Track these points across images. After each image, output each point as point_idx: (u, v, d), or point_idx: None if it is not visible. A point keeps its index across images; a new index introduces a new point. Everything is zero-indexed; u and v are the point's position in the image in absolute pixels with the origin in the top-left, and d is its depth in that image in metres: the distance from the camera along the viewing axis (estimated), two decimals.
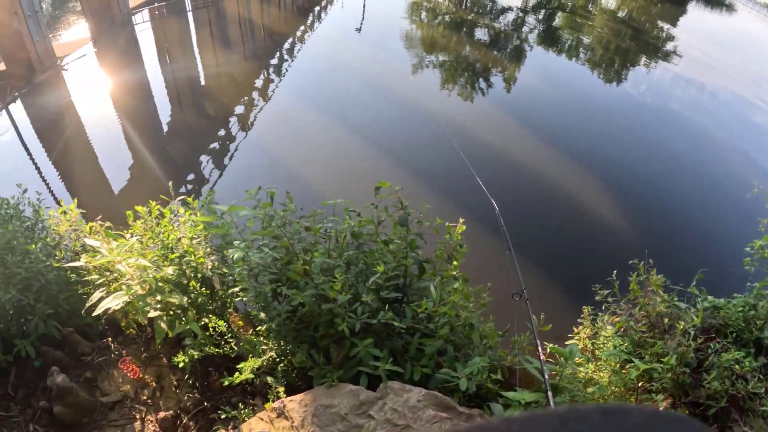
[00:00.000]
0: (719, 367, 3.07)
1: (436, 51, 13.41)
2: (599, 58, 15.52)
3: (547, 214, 6.41)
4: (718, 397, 3.03)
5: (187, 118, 8.24)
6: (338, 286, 2.08)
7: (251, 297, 2.21)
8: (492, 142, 8.14)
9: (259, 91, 9.39)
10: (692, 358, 3.25)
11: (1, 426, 2.69)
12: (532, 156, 7.71)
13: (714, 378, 3.05)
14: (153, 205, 2.72)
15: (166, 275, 2.52)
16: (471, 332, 2.37)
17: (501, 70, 12.53)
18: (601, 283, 3.17)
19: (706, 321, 3.49)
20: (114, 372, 3.04)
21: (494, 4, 21.25)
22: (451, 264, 2.48)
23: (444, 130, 7.54)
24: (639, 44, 19.48)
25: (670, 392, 3.19)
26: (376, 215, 2.35)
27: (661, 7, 32.55)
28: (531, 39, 16.86)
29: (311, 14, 16.25)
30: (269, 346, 2.40)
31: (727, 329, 3.48)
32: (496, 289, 2.62)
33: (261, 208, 2.13)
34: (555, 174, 7.33)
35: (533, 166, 7.49)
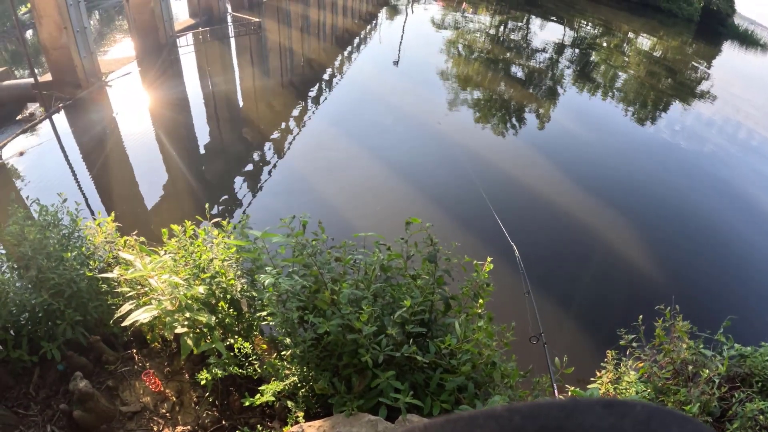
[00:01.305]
0: (743, 417, 2.99)
1: (471, 86, 13.55)
2: (632, 98, 15.48)
3: (570, 254, 6.38)
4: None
5: (224, 141, 8.47)
6: (365, 317, 2.11)
7: (278, 322, 2.25)
8: (518, 179, 8.18)
9: (295, 119, 9.61)
10: (715, 407, 3.17)
11: (20, 423, 2.76)
12: (558, 194, 7.70)
13: (737, 428, 2.97)
14: (188, 224, 2.81)
15: (196, 294, 2.58)
16: (492, 370, 2.36)
17: (533, 108, 12.60)
18: (626, 327, 3.13)
19: (731, 369, 3.42)
20: (136, 383, 3.09)
21: (528, 42, 21.43)
22: (477, 302, 2.49)
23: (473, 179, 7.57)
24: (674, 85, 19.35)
25: None
26: (406, 250, 2.39)
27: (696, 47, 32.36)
28: (564, 78, 16.93)
29: (350, 46, 16.58)
30: (292, 371, 2.43)
31: (752, 378, 3.40)
32: (515, 331, 2.61)
33: (293, 236, 2.19)
34: (581, 214, 7.30)
35: (559, 204, 7.47)
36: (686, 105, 16.21)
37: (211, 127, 8.80)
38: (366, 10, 23.86)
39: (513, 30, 24.63)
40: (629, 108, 14.37)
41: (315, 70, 13.53)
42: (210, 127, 8.73)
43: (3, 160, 6.71)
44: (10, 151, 6.93)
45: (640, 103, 15.27)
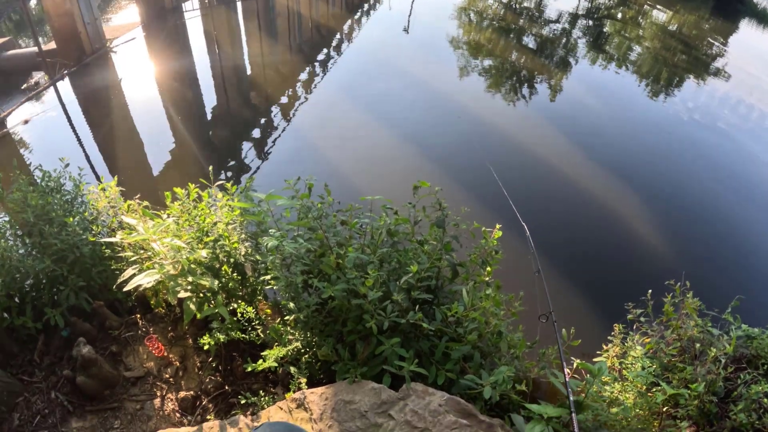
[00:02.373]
0: (747, 399, 2.97)
1: (482, 54, 13.26)
2: (647, 72, 15.11)
3: (580, 229, 6.29)
4: (744, 430, 2.93)
5: (231, 106, 8.35)
6: (370, 282, 2.08)
7: (282, 286, 2.22)
8: (528, 151, 8.04)
9: (303, 84, 9.46)
10: (720, 387, 3.15)
11: (24, 390, 2.77)
12: (568, 167, 7.57)
13: (741, 410, 2.95)
14: (191, 187, 2.76)
15: (199, 258, 2.55)
16: (499, 340, 2.33)
17: (545, 78, 12.35)
18: (635, 302, 3.09)
19: (738, 350, 3.38)
20: (139, 348, 3.10)
21: (542, 11, 20.92)
22: (485, 270, 2.45)
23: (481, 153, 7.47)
24: (689, 60, 18.90)
25: (695, 420, 3.10)
26: (413, 215, 2.34)
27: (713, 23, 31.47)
28: (577, 48, 16.56)
29: (359, 11, 16.29)
30: (295, 336, 2.40)
31: (758, 360, 3.37)
32: (524, 308, 2.57)
33: (299, 199, 2.14)
34: (592, 188, 7.19)
35: (570, 177, 7.35)
36: (700, 81, 15.87)
37: (218, 92, 8.69)
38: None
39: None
40: (643, 82, 14.04)
41: (324, 35, 13.31)
42: (216, 93, 8.62)
43: (8, 128, 6.67)
44: (15, 120, 6.89)
45: (654, 78, 14.93)
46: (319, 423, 2.39)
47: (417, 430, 2.28)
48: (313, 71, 10.27)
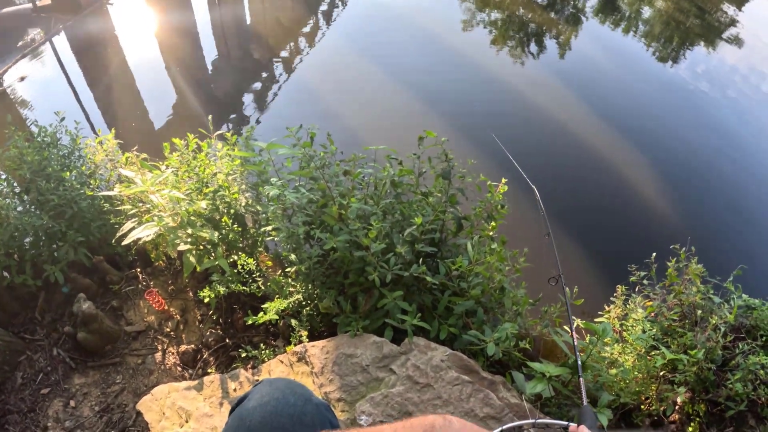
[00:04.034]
0: (744, 369, 2.97)
1: (490, 7, 12.85)
2: (657, 34, 14.69)
3: (586, 191, 6.22)
4: (739, 399, 2.94)
5: (232, 59, 8.15)
6: (373, 234, 2.04)
7: (283, 237, 2.18)
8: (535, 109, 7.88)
9: (305, 35, 9.23)
10: (719, 356, 3.15)
11: (27, 349, 2.77)
12: (577, 129, 7.43)
13: (738, 379, 2.95)
14: (191, 137, 2.70)
15: (199, 209, 2.51)
16: (503, 296, 2.31)
17: (554, 35, 12.03)
18: (638, 265, 3.06)
19: (738, 319, 3.37)
20: (140, 302, 3.09)
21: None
22: (490, 224, 2.41)
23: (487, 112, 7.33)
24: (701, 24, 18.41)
25: (692, 386, 3.11)
26: (418, 166, 2.29)
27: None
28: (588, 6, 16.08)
29: None
30: (297, 288, 2.38)
31: (757, 331, 3.36)
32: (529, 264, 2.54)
33: (300, 148, 2.08)
34: (601, 150, 7.07)
35: (578, 139, 7.24)
36: (711, 48, 15.53)
37: (218, 44, 8.45)
38: None
39: None
40: (653, 44, 13.70)
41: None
42: (217, 45, 8.40)
43: (3, 86, 6.55)
44: (12, 77, 6.76)
45: (665, 40, 14.56)
46: (320, 377, 2.39)
47: (419, 385, 2.28)
48: (316, 22, 10.00)
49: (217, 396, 2.47)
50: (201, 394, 2.50)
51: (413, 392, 2.29)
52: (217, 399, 2.46)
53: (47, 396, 2.62)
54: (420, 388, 2.29)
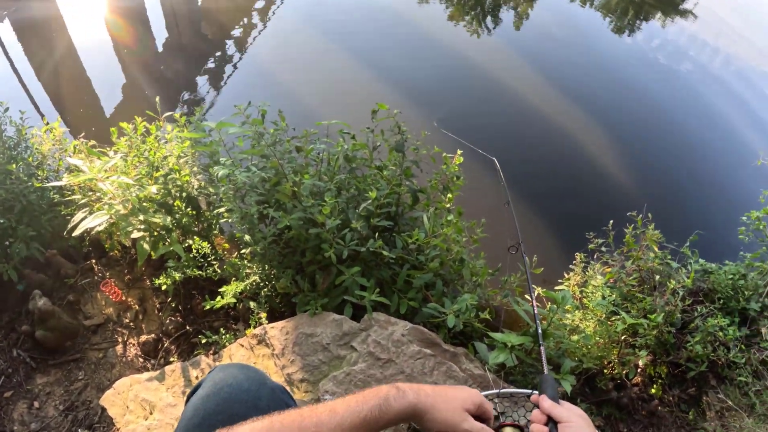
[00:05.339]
0: (703, 331, 3.07)
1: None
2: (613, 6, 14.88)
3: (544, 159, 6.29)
4: (699, 361, 3.03)
5: (183, 38, 7.90)
6: (327, 210, 2.00)
7: (236, 218, 2.13)
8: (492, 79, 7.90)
9: (259, 11, 9.03)
10: (678, 319, 3.24)
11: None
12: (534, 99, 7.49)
13: (697, 341, 3.04)
14: (138, 121, 2.60)
15: (150, 194, 2.43)
16: (461, 267, 2.31)
17: (511, 6, 12.06)
18: (596, 233, 3.12)
19: (695, 283, 3.47)
20: (97, 295, 3.01)
21: None
22: (446, 196, 2.40)
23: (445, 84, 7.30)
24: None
25: (653, 349, 3.20)
26: (372, 140, 2.25)
27: None
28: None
29: None
30: (253, 270, 2.34)
31: (715, 295, 3.45)
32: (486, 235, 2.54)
33: (251, 125, 2.03)
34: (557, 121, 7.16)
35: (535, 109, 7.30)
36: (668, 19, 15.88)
37: (169, 24, 8.17)
38: None
39: None
40: (610, 15, 13.93)
41: None
42: (167, 24, 8.13)
43: None
44: None
45: (621, 11, 14.82)
46: (281, 358, 2.36)
47: (381, 361, 2.28)
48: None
49: (179, 385, 2.43)
50: (163, 384, 2.45)
51: (375, 368, 2.28)
52: (180, 388, 2.42)
53: (11, 399, 2.54)
54: (382, 364, 2.28)
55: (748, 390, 2.94)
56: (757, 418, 2.83)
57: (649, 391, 3.23)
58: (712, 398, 3.11)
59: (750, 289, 3.40)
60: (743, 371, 2.99)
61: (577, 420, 1.03)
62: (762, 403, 2.84)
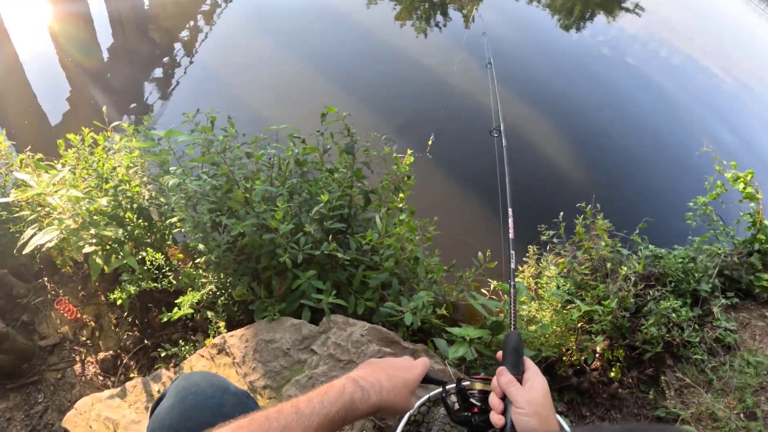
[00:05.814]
0: (657, 314, 3.19)
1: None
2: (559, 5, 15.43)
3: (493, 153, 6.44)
4: (654, 342, 3.15)
5: (129, 45, 7.75)
6: (280, 215, 2.02)
7: (189, 227, 2.12)
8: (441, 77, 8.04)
9: (204, 14, 8.93)
10: (631, 304, 3.35)
11: None
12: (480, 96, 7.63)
13: (651, 324, 3.16)
14: (86, 132, 2.55)
15: (100, 207, 2.38)
16: (416, 266, 2.36)
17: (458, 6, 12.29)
18: (547, 225, 3.22)
19: (646, 269, 3.61)
20: (51, 313, 2.93)
21: None
22: (398, 196, 2.45)
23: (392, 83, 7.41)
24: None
25: (609, 334, 3.32)
26: (322, 143, 2.28)
27: None
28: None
29: None
30: (209, 279, 2.33)
31: (666, 278, 3.60)
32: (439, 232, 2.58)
33: (200, 133, 2.02)
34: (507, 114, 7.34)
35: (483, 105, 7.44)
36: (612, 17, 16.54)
37: (115, 30, 8.01)
38: None
39: None
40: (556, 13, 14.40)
41: None
42: (113, 31, 7.96)
43: None
44: None
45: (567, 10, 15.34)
46: (242, 366, 2.35)
47: (342, 362, 2.30)
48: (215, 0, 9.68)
49: (141, 400, 2.40)
50: (125, 401, 2.42)
51: (337, 370, 2.30)
52: (143, 404, 2.39)
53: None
54: (343, 365, 2.30)
55: (705, 367, 3.07)
56: (715, 393, 2.94)
57: (609, 374, 3.33)
58: (670, 377, 3.24)
59: (700, 271, 3.56)
60: (698, 350, 3.12)
61: (528, 409, 0.99)
62: (719, 379, 2.96)
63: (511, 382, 1.06)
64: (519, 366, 1.13)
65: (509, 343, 1.18)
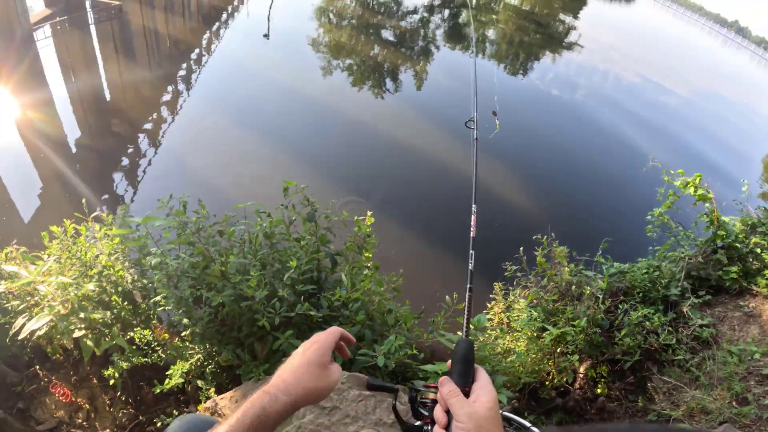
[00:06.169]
0: (629, 325, 3.33)
1: (344, 53, 13.71)
2: (504, 52, 16.39)
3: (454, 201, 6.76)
4: (632, 351, 3.28)
5: (95, 137, 8.05)
6: (254, 282, 2.19)
7: (173, 303, 2.27)
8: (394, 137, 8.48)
9: (167, 104, 9.33)
10: (603, 319, 3.49)
11: None
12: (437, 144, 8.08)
13: (625, 334, 3.30)
14: (68, 223, 2.72)
15: (87, 292, 2.53)
16: (387, 317, 2.52)
17: (409, 68, 12.95)
18: (511, 261, 3.42)
19: (613, 285, 3.78)
20: (46, 399, 3.01)
21: (400, 5, 21.80)
22: (362, 255, 2.64)
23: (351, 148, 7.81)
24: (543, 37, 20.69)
25: (588, 353, 3.45)
26: (287, 216, 2.47)
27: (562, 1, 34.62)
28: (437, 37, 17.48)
29: (217, 22, 16.10)
30: (195, 350, 2.46)
31: (633, 290, 3.76)
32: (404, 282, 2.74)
33: (174, 216, 2.21)
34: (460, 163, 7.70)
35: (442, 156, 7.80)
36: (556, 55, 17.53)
37: (80, 124, 8.32)
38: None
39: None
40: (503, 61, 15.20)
41: (183, 51, 13.04)
42: (79, 125, 8.27)
43: None
44: None
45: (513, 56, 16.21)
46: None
47: (326, 409, 2.43)
48: (176, 89, 10.15)
49: None
50: None
51: (323, 417, 2.43)
52: None
53: None
54: (328, 412, 2.44)
55: (688, 366, 3.17)
56: (702, 388, 3.02)
57: (595, 391, 3.43)
58: (657, 382, 3.35)
59: (667, 277, 3.71)
60: (679, 351, 3.24)
61: (468, 423, 0.91)
62: (704, 374, 3.06)
63: (453, 393, 0.97)
64: (467, 376, 1.00)
65: (458, 351, 1.05)
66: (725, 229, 3.87)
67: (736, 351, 3.20)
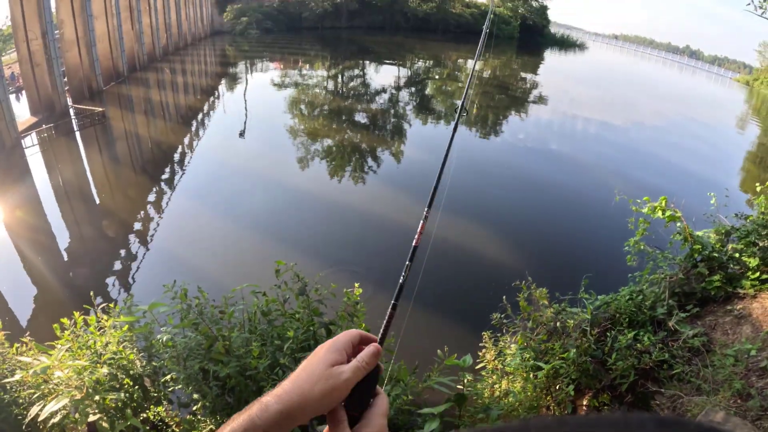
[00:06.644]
0: (619, 349, 3.41)
1: (319, 139, 14.45)
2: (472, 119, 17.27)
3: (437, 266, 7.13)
4: (626, 374, 3.35)
5: (85, 241, 8.33)
6: (256, 352, 2.37)
7: (183, 380, 2.43)
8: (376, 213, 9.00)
9: (153, 204, 9.76)
10: (593, 349, 3.58)
11: None
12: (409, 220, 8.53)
13: (617, 358, 3.37)
14: (77, 315, 2.90)
15: (101, 377, 2.67)
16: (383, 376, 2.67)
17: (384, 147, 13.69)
18: (497, 311, 3.58)
19: (599, 316, 3.87)
20: None
21: (367, 87, 22.97)
22: (353, 321, 2.84)
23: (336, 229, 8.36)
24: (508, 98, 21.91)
25: (585, 384, 3.51)
26: (281, 294, 2.69)
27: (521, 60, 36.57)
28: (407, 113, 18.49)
29: (195, 122, 16.74)
30: (207, 422, 2.59)
31: (620, 318, 3.86)
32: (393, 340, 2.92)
33: (177, 299, 2.41)
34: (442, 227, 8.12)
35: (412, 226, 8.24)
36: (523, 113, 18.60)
37: (70, 228, 8.60)
38: (206, 84, 24.19)
39: (351, 78, 26.19)
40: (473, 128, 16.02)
41: (165, 151, 13.62)
42: (69, 229, 8.54)
43: None
44: None
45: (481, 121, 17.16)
46: None
47: None
48: (160, 189, 10.61)
49: None
50: None
51: None
52: None
53: None
54: None
55: (688, 377, 3.24)
56: (705, 394, 3.09)
57: None
58: (660, 399, 3.38)
59: (651, 299, 3.81)
60: (676, 365, 3.31)
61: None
62: (704, 381, 3.14)
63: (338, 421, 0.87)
64: (364, 400, 0.87)
65: None
66: (700, 242, 3.96)
67: (732, 352, 3.23)
